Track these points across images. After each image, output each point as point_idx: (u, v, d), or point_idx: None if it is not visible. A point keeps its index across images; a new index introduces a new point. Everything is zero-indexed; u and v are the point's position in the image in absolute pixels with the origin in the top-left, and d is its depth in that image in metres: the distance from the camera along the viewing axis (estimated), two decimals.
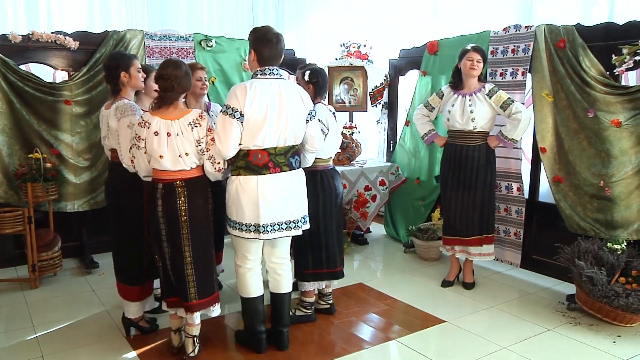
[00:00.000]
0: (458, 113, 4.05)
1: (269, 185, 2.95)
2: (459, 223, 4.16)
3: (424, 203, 5.47)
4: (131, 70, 3.20)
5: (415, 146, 5.50)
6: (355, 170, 5.43)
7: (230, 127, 2.84)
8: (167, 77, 2.86)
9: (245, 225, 2.98)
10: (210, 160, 2.92)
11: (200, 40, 5.14)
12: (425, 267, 4.87)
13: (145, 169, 2.99)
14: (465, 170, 4.09)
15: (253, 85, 2.89)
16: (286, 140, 2.99)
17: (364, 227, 5.56)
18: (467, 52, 4.00)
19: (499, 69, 4.58)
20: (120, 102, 3.14)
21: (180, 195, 2.90)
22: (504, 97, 3.96)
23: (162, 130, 2.86)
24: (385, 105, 5.98)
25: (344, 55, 5.84)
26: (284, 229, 3.02)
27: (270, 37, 2.95)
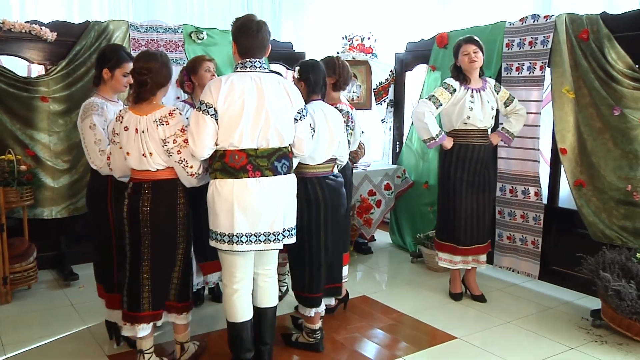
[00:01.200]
0: (480, 111, 4.02)
1: (246, 190, 2.85)
2: (477, 230, 4.15)
3: (433, 209, 5.36)
4: (116, 72, 3.18)
5: (423, 147, 5.45)
6: (359, 173, 5.41)
7: (204, 124, 2.79)
8: (139, 71, 2.84)
9: (220, 235, 2.90)
10: (182, 164, 2.87)
11: (191, 32, 5.12)
12: (435, 279, 4.84)
13: (120, 167, 2.98)
14: (481, 172, 4.10)
15: (229, 80, 2.83)
16: (268, 141, 2.89)
17: (368, 235, 5.54)
18: (461, 47, 4.00)
19: (514, 63, 4.54)
20: (87, 101, 3.14)
21: (144, 197, 2.88)
22: (507, 93, 4.09)
23: (131, 125, 2.85)
24: (391, 103, 5.97)
25: (346, 49, 5.84)
26: (262, 242, 2.92)
27: (250, 26, 2.88)
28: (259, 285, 3.15)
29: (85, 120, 3.06)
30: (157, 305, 3.03)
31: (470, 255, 4.22)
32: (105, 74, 3.16)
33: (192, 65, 3.77)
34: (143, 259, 2.93)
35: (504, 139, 4.16)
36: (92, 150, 3.06)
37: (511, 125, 4.13)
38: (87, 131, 3.06)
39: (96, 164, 3.08)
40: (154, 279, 2.96)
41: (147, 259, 2.93)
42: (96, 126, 3.04)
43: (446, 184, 4.18)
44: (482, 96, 4.03)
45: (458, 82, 4.06)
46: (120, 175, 3.03)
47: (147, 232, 2.90)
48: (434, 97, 4.06)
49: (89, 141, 3.07)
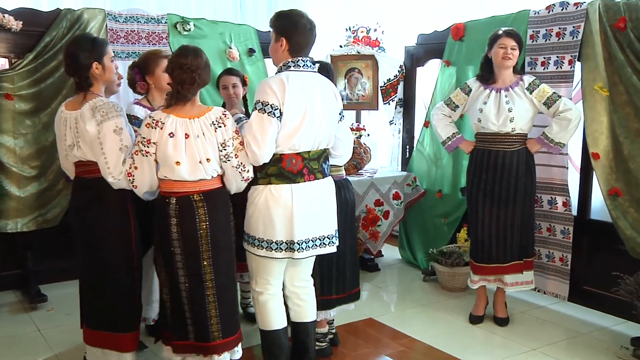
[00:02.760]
0: (493, 112, 4.02)
1: (304, 195, 3.07)
2: (495, 247, 4.14)
3: (447, 221, 5.40)
4: (105, 60, 3.13)
5: (436, 152, 5.47)
6: (364, 181, 5.40)
7: (270, 127, 2.93)
8: (187, 68, 2.87)
9: (275, 243, 3.07)
10: (239, 169, 2.97)
11: (176, 22, 5.08)
12: (450, 299, 4.82)
13: (149, 182, 2.98)
14: (501, 181, 4.07)
15: (290, 79, 2.98)
16: (320, 143, 3.14)
17: (375, 249, 5.53)
18: (499, 38, 4.00)
19: (540, 57, 4.52)
20: (98, 101, 3.04)
21: (199, 211, 2.92)
22: (548, 92, 3.99)
23: (179, 130, 2.87)
24: (400, 103, 5.94)
25: (350, 42, 5.83)
26: (318, 246, 3.16)
27: (305, 23, 3.07)
28: (301, 299, 3.33)
29: (107, 123, 2.98)
30: (229, 331, 3.06)
31: (490, 275, 4.21)
32: (95, 69, 3.09)
33: (145, 63, 3.63)
34: (205, 281, 2.96)
35: (544, 145, 4.05)
36: (115, 158, 2.98)
37: (551, 130, 3.99)
38: (111, 136, 2.98)
39: (114, 175, 3.00)
40: (222, 301, 3.01)
41: (211, 279, 2.97)
42: (123, 130, 2.99)
43: (467, 194, 4.28)
44: (502, 97, 4.02)
45: (479, 82, 4.12)
46: (146, 191, 3.02)
47: (207, 249, 2.93)
48: (449, 99, 4.26)
49: (111, 148, 2.98)
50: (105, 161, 3.00)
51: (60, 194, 4.60)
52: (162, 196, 2.98)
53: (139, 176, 2.96)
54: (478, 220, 4.17)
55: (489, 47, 4.07)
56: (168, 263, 2.99)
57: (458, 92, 4.23)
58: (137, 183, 2.98)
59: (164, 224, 2.94)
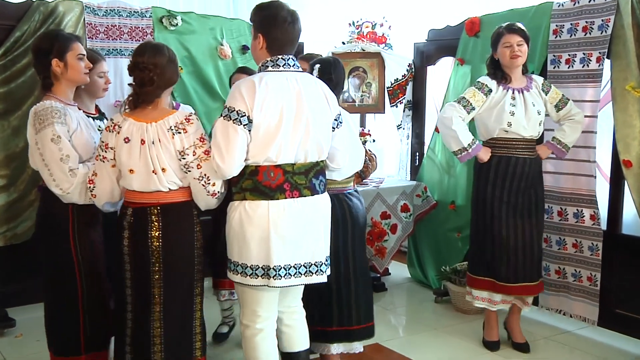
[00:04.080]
0: (523, 116, 3.99)
1: (284, 214, 2.92)
2: (522, 264, 4.09)
3: (461, 235, 5.34)
4: (68, 57, 3.09)
5: (449, 159, 5.44)
6: (369, 191, 5.36)
7: (235, 137, 2.82)
8: (144, 67, 2.84)
9: (250, 268, 2.94)
10: (202, 181, 2.89)
11: (162, 16, 5.06)
12: (464, 322, 4.78)
13: (109, 190, 2.95)
14: (524, 191, 4.08)
15: (263, 81, 2.87)
16: (307, 154, 2.99)
17: (381, 267, 5.49)
18: (502, 37, 4.00)
19: (564, 54, 4.48)
20: (40, 105, 3.02)
21: (153, 225, 2.88)
22: (559, 94, 4.08)
23: (135, 136, 2.84)
24: (409, 105, 5.94)
25: (354, 38, 5.81)
26: (303, 274, 3.01)
27: (285, 16, 2.95)
28: (286, 325, 3.23)
29: (43, 132, 2.96)
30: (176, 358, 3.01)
31: (513, 295, 4.18)
32: (56, 67, 3.06)
33: None
34: (153, 303, 2.91)
35: (556, 152, 4.10)
36: (57, 169, 2.95)
37: (564, 135, 4.04)
38: (48, 145, 2.96)
39: (62, 187, 2.97)
40: (169, 328, 2.94)
41: (159, 302, 2.91)
42: (61, 138, 2.94)
43: (482, 205, 4.18)
44: (526, 98, 4.02)
45: (495, 81, 4.07)
46: (106, 202, 3.00)
47: (158, 269, 2.89)
48: (464, 99, 4.10)
49: (51, 158, 2.96)
50: (49, 173, 2.98)
51: (32, 205, 4.55)
52: (122, 206, 2.98)
53: (99, 184, 2.94)
54: (502, 237, 4.08)
55: (493, 48, 4.08)
56: (117, 277, 3.00)
57: (475, 92, 4.07)
58: (97, 192, 2.95)
59: (118, 235, 2.94)
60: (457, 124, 4.04)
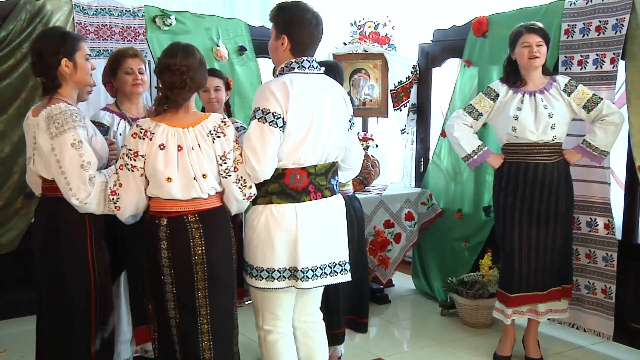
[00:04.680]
0: (530, 119, 3.98)
1: (310, 216, 3.05)
2: (534, 274, 4.10)
3: (469, 245, 5.36)
4: (77, 57, 3.05)
5: (455, 165, 5.45)
6: (372, 198, 5.36)
7: (271, 139, 2.91)
8: (176, 69, 2.85)
9: (278, 272, 3.04)
10: (239, 184, 2.95)
11: (155, 16, 5.03)
12: (472, 337, 4.77)
13: (136, 201, 2.94)
14: (540, 198, 4.04)
15: (294, 83, 2.96)
16: (328, 155, 3.13)
17: (384, 278, 5.49)
18: (521, 36, 3.98)
19: (576, 55, 4.47)
20: (55, 108, 2.94)
21: (194, 234, 2.90)
22: (588, 94, 4.00)
23: (171, 142, 2.85)
24: (414, 109, 5.92)
25: (356, 39, 5.82)
26: (328, 275, 3.13)
27: (310, 19, 3.06)
28: (308, 336, 3.31)
29: (62, 136, 2.90)
30: None
31: (524, 305, 4.15)
32: (65, 67, 3.01)
33: (110, 63, 3.67)
34: (199, 315, 2.94)
35: (587, 156, 4.03)
36: (76, 177, 2.89)
37: (594, 137, 3.97)
38: (69, 151, 2.90)
39: (79, 197, 2.91)
40: (217, 341, 2.98)
41: (205, 314, 2.95)
42: (82, 144, 2.90)
43: (496, 213, 4.26)
44: (538, 101, 4.00)
45: (506, 85, 4.11)
46: (131, 214, 2.99)
47: (203, 277, 2.91)
48: (470, 105, 4.22)
49: (71, 165, 2.90)
50: (66, 181, 2.92)
51: (17, 214, 4.55)
52: (151, 216, 2.95)
53: (124, 195, 2.91)
54: (514, 245, 4.11)
55: (510, 48, 4.06)
56: (156, 293, 2.96)
57: (481, 97, 4.18)
58: (122, 204, 2.92)
59: (153, 248, 2.91)
60: (458, 131, 4.16)
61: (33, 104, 4.32)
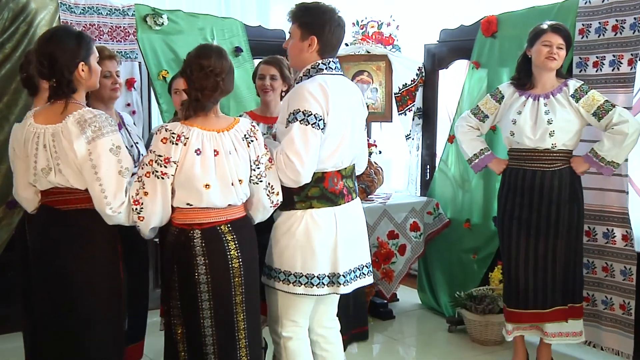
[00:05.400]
0: (528, 124, 3.99)
1: (348, 219, 3.20)
2: (533, 289, 4.10)
3: (478, 257, 5.34)
4: (91, 61, 3.05)
5: (463, 172, 5.44)
6: (375, 208, 5.33)
7: (315, 141, 2.99)
8: (211, 71, 2.86)
9: (317, 278, 3.12)
10: (267, 191, 3.02)
11: (146, 15, 5.04)
12: (482, 355, 4.76)
13: (162, 212, 2.91)
14: (540, 207, 4.05)
15: (328, 84, 3.04)
16: (354, 157, 3.28)
17: (388, 292, 5.45)
18: (544, 34, 3.97)
19: (591, 56, 4.45)
20: (86, 112, 2.91)
21: (230, 245, 2.93)
22: (598, 100, 3.96)
23: (207, 146, 2.85)
24: (419, 113, 5.92)
25: (358, 40, 5.82)
26: (358, 277, 3.27)
27: (338, 20, 3.14)
28: (326, 346, 3.37)
29: (99, 140, 2.88)
30: None
31: (525, 323, 4.17)
32: (81, 71, 2.96)
33: None
34: (237, 330, 2.97)
35: (594, 166, 4.00)
36: (113, 184, 2.87)
37: (602, 147, 3.94)
38: (107, 157, 2.88)
39: (114, 205, 2.87)
40: (253, 354, 3.03)
41: (243, 329, 2.99)
42: (120, 149, 2.91)
43: (497, 221, 4.33)
44: (540, 105, 4.01)
45: (514, 86, 4.14)
46: (154, 226, 2.96)
47: (240, 291, 2.96)
48: (476, 107, 4.30)
49: (108, 172, 2.88)
50: (102, 189, 2.87)
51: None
52: (179, 230, 2.93)
53: (150, 205, 2.86)
54: (511, 255, 4.15)
55: (529, 44, 4.04)
56: (189, 312, 2.95)
57: (488, 99, 4.23)
58: (146, 214, 2.87)
59: (186, 263, 2.90)
60: (462, 133, 4.30)
61: (16, 108, 4.40)
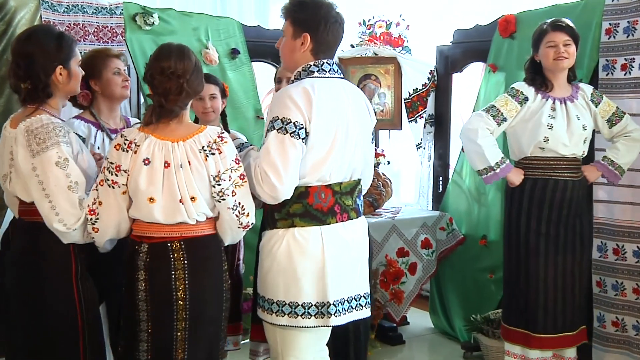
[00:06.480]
0: (564, 130, 3.99)
1: (338, 241, 3.06)
2: (562, 310, 4.09)
3: (495, 277, 5.27)
4: (71, 64, 3.07)
5: (479, 185, 5.39)
6: (383, 223, 5.33)
7: (293, 152, 2.90)
8: (172, 72, 2.84)
9: (302, 307, 3.02)
10: (236, 211, 2.92)
11: (135, 14, 5.03)
12: None
13: (116, 223, 2.91)
14: (567, 221, 4.07)
15: (316, 88, 2.97)
16: (354, 172, 3.17)
17: (398, 315, 5.41)
18: (545, 35, 4.01)
19: (619, 58, 4.44)
20: (35, 121, 2.92)
21: (177, 265, 2.87)
22: (612, 107, 4.11)
23: (157, 156, 2.81)
24: (431, 120, 5.92)
25: (365, 41, 5.84)
26: (354, 309, 3.15)
27: (335, 16, 3.09)
28: None
29: (44, 154, 2.89)
30: None
31: (550, 349, 4.15)
32: (59, 74, 3.00)
33: (90, 65, 3.57)
34: (175, 359, 2.91)
35: (608, 175, 4.09)
36: (63, 200, 2.87)
37: (618, 154, 4.04)
38: (53, 171, 2.88)
39: (68, 223, 2.88)
40: None
41: (183, 358, 2.93)
42: (68, 162, 2.89)
43: (515, 239, 4.20)
44: (570, 110, 4.02)
45: (533, 87, 4.10)
46: (110, 238, 2.96)
47: (183, 318, 2.88)
48: (494, 108, 4.13)
49: (56, 187, 2.88)
50: (51, 205, 2.89)
51: None
52: (132, 241, 2.93)
53: (104, 216, 2.87)
54: (538, 276, 4.09)
55: (534, 49, 4.10)
56: (128, 332, 2.93)
57: (507, 99, 4.11)
58: (101, 225, 2.87)
59: (130, 278, 2.89)
60: (483, 137, 4.06)
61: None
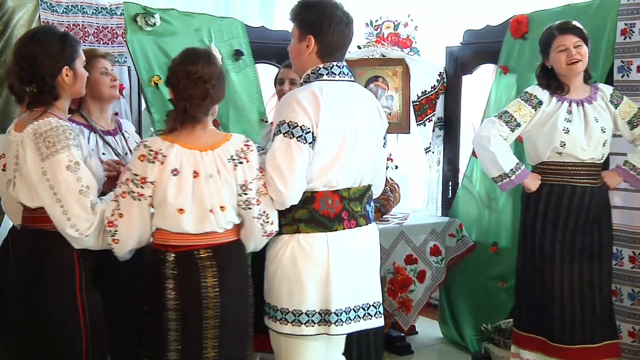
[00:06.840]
0: (582, 134, 3.96)
1: (344, 248, 3.07)
2: (581, 321, 4.04)
3: (506, 285, 5.24)
4: (77, 65, 3.08)
5: (489, 190, 5.39)
6: (391, 229, 5.29)
7: (300, 157, 2.92)
8: (198, 77, 2.85)
9: (306, 315, 3.04)
10: (261, 220, 2.95)
11: (136, 14, 5.00)
12: None
13: (139, 235, 2.92)
14: (584, 227, 4.05)
15: (324, 92, 2.99)
16: (363, 177, 3.17)
17: (406, 324, 5.37)
18: (554, 39, 4.01)
19: (635, 59, 4.42)
20: (43, 124, 2.91)
21: (207, 272, 2.89)
22: (634, 108, 4.08)
23: (186, 166, 2.83)
24: (440, 123, 5.90)
25: (372, 42, 5.83)
26: (362, 318, 3.14)
27: (341, 17, 3.08)
28: None
29: (54, 157, 2.88)
30: None
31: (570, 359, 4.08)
32: (65, 76, 3.00)
33: None
34: None
35: (630, 180, 4.07)
36: (76, 205, 2.86)
37: (638, 158, 4.04)
38: (64, 174, 2.88)
39: (80, 228, 2.87)
40: None
41: None
42: (79, 165, 2.89)
43: (530, 246, 4.19)
44: (588, 112, 4.00)
45: (547, 91, 4.09)
46: (131, 249, 2.97)
47: (214, 325, 2.90)
48: (507, 113, 4.12)
49: (67, 191, 2.88)
50: (63, 210, 2.87)
51: None
52: (154, 250, 2.94)
53: (125, 228, 2.87)
54: (554, 284, 4.06)
55: (543, 55, 4.10)
56: (154, 343, 2.93)
57: (520, 104, 4.10)
58: (121, 236, 2.88)
59: (156, 288, 2.87)
60: (496, 144, 4.06)
61: None
